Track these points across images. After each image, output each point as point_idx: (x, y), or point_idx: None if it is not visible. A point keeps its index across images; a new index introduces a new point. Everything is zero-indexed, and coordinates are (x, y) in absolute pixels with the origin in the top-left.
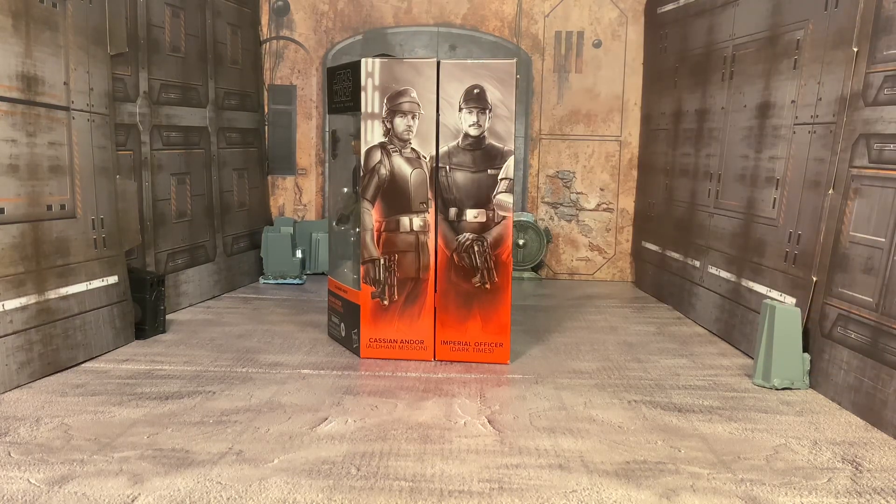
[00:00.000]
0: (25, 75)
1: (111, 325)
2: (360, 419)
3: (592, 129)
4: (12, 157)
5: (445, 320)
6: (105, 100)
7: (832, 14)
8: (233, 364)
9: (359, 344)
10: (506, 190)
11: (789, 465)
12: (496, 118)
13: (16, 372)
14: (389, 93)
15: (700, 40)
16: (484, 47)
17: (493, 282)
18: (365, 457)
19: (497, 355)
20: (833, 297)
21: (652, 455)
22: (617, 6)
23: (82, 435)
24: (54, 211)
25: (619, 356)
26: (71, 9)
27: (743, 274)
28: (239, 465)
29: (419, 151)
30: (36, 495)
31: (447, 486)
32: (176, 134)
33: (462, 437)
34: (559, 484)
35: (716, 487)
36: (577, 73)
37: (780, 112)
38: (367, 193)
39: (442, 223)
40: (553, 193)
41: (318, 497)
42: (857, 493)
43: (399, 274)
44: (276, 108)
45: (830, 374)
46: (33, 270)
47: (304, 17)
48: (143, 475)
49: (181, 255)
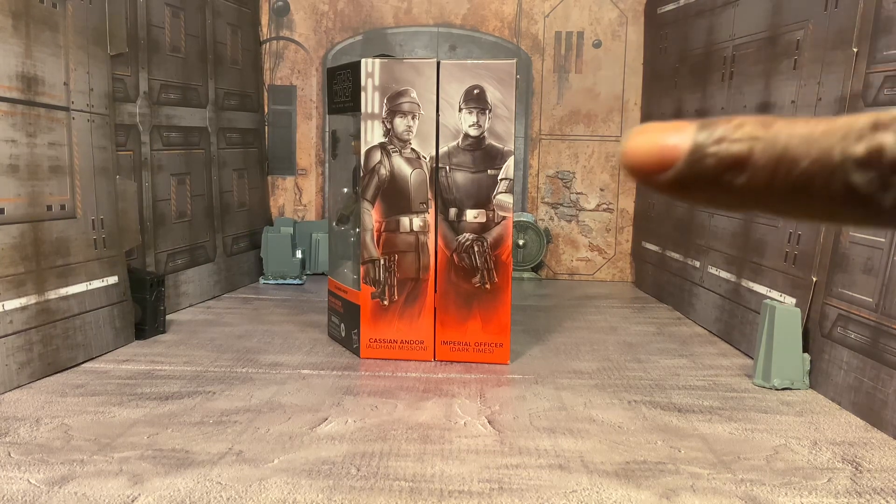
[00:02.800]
0: (25, 75)
1: (111, 325)
2: (360, 419)
3: (592, 129)
4: (12, 157)
5: (445, 320)
6: (105, 100)
7: (832, 14)
8: (233, 364)
9: (359, 344)
10: (506, 190)
11: (789, 465)
12: (496, 118)
13: (16, 372)
14: (389, 93)
15: (700, 40)
16: (484, 47)
17: (493, 282)
18: (365, 457)
19: (497, 355)
20: (833, 297)
21: (652, 455)
22: (617, 6)
23: (82, 435)
24: (54, 211)
25: (619, 356)
26: (71, 9)
27: (743, 274)
28: (239, 465)
29: (419, 152)
30: (36, 495)
31: (447, 487)
32: (176, 134)
33: (462, 438)
34: (559, 484)
35: (716, 487)
36: (577, 74)
37: (780, 112)
38: (367, 194)
39: (442, 223)
40: (553, 194)
41: (318, 497)
42: (857, 493)
43: (399, 274)
44: (276, 109)
45: (830, 375)
46: (33, 271)
47: (304, 18)
48: (143, 475)
49: (181, 256)
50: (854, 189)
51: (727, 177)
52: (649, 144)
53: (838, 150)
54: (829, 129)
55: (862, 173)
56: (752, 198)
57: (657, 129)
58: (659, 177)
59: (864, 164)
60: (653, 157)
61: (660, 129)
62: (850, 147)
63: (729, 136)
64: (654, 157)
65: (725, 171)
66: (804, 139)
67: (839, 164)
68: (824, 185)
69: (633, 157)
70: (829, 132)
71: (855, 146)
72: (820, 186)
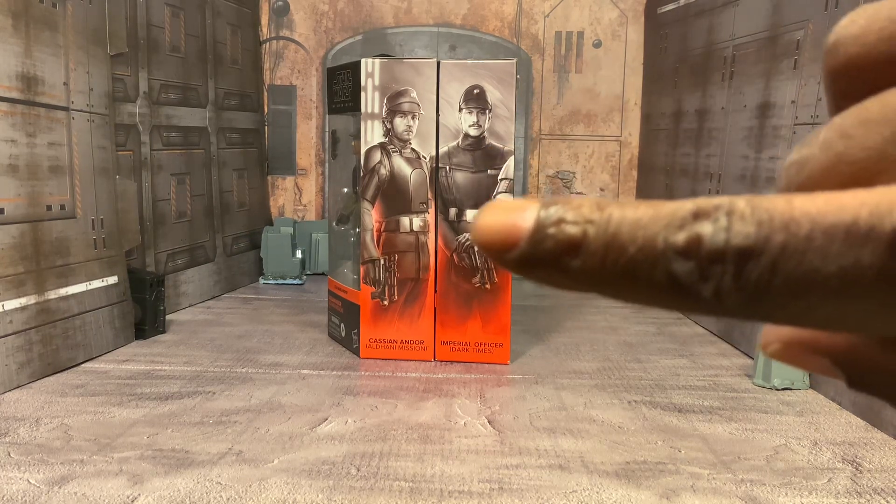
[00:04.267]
0: (25, 75)
1: (111, 325)
2: (360, 419)
3: (592, 129)
4: (12, 157)
5: (445, 320)
6: (105, 100)
7: (832, 14)
8: (233, 364)
9: (359, 344)
10: (506, 190)
11: (789, 465)
12: (496, 118)
13: (15, 372)
14: (389, 93)
15: (700, 40)
16: (484, 47)
17: (493, 282)
18: (365, 457)
19: (497, 355)
20: None
21: (652, 455)
22: (617, 6)
23: (82, 435)
24: (54, 211)
25: (619, 356)
26: (71, 9)
27: None
28: (239, 465)
29: (419, 152)
30: (36, 496)
31: (447, 487)
32: (176, 134)
33: (462, 438)
34: (559, 484)
35: (716, 488)
36: (577, 73)
37: (780, 112)
38: (366, 194)
39: (442, 223)
40: (553, 193)
41: (318, 497)
42: (858, 493)
43: (399, 274)
44: (276, 109)
45: None
46: (33, 270)
47: (304, 17)
48: (143, 475)
49: (181, 256)
50: (675, 278)
51: (564, 260)
52: (496, 222)
53: (661, 237)
54: (656, 214)
55: (682, 263)
56: (588, 282)
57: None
58: (505, 255)
59: (683, 254)
60: (500, 235)
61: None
62: (671, 236)
63: (566, 217)
64: (501, 235)
65: (562, 254)
66: (633, 224)
67: (661, 253)
68: (648, 273)
69: (481, 233)
70: (656, 218)
71: (676, 235)
72: (645, 274)
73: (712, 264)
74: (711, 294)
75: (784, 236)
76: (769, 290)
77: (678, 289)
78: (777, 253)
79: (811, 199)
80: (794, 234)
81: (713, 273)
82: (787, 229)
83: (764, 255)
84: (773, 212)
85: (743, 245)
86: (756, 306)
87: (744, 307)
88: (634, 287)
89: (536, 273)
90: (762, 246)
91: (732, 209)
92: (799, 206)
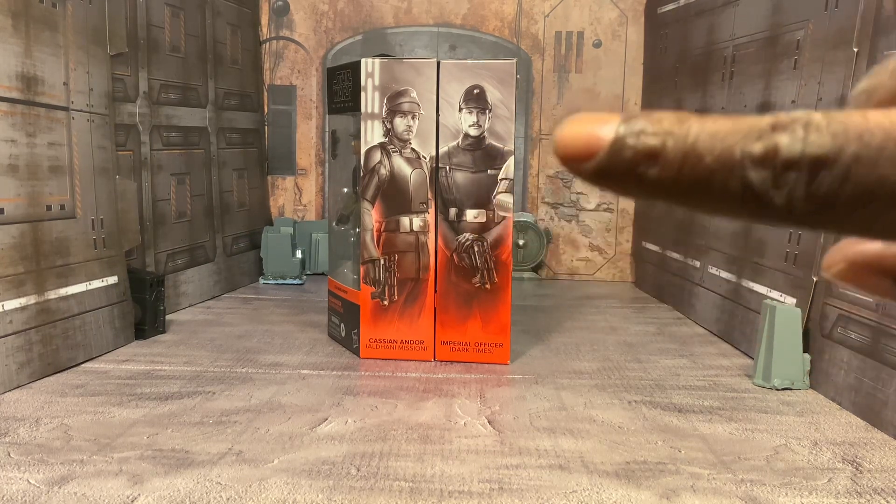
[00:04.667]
0: (25, 75)
1: (111, 325)
2: (360, 419)
3: None
4: (12, 157)
5: (445, 320)
6: (105, 100)
7: (832, 14)
8: (233, 364)
9: (359, 344)
10: (506, 190)
11: (789, 465)
12: (496, 118)
13: (16, 372)
14: (389, 93)
15: (700, 40)
16: (484, 47)
17: (493, 282)
18: (365, 457)
19: (497, 355)
20: (833, 297)
21: (652, 455)
22: (617, 6)
23: (82, 435)
24: (54, 211)
25: (619, 356)
26: (71, 9)
27: (743, 274)
28: (239, 465)
29: (419, 151)
30: (36, 496)
31: (447, 487)
32: (176, 134)
33: (462, 438)
34: (559, 484)
35: (716, 488)
36: (577, 73)
37: (780, 112)
38: (367, 193)
39: (442, 223)
40: (553, 193)
41: (318, 497)
42: (858, 493)
43: (399, 274)
44: (275, 108)
45: (831, 375)
46: (33, 270)
47: (304, 17)
48: (143, 475)
49: (181, 256)
50: (750, 186)
51: (641, 169)
52: (577, 134)
53: (739, 148)
54: (734, 127)
55: (757, 171)
56: (662, 190)
57: (586, 120)
58: (583, 165)
59: (759, 163)
60: (579, 146)
61: (589, 120)
62: (749, 146)
63: (647, 129)
64: (581, 146)
65: (640, 164)
66: (711, 136)
67: (738, 162)
68: (724, 180)
69: (562, 145)
70: (734, 131)
71: (753, 145)
72: (720, 182)
73: (787, 172)
74: (783, 201)
75: (857, 146)
76: (839, 197)
77: (751, 196)
78: (850, 162)
79: (885, 114)
80: (867, 145)
81: (787, 180)
82: (861, 139)
83: (837, 163)
84: (849, 124)
85: (818, 154)
86: (824, 213)
87: (812, 214)
88: (707, 195)
89: (612, 182)
90: (836, 155)
91: (809, 122)
92: (874, 119)
